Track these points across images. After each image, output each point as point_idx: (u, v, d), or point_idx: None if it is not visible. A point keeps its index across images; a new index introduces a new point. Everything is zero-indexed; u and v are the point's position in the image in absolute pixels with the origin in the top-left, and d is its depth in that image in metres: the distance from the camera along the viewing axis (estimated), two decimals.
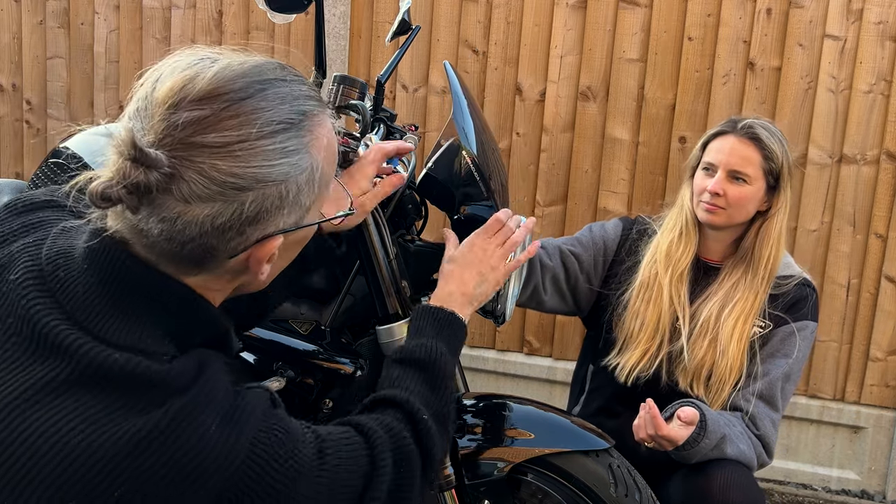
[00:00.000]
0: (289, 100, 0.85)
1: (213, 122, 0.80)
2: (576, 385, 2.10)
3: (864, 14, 2.68)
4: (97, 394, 0.78)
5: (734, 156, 1.82)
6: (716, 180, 1.82)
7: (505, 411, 1.58)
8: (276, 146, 0.83)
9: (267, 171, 0.82)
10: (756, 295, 1.83)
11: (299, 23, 3.13)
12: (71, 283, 0.82)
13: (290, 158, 0.84)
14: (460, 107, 1.49)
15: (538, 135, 2.97)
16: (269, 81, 0.85)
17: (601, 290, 1.96)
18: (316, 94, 0.91)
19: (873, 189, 2.76)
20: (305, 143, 0.85)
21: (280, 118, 0.83)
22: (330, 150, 0.91)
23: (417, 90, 3.05)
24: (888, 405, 2.86)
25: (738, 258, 1.87)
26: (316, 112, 0.88)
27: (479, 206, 1.49)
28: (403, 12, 1.49)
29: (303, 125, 0.86)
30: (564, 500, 1.50)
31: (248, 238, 0.84)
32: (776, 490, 2.90)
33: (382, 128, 1.44)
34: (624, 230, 2.00)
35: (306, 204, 0.88)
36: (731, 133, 1.85)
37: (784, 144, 1.85)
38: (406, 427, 1.06)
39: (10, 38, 3.40)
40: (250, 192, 0.81)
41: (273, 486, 0.84)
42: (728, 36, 2.78)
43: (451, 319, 1.25)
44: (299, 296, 1.52)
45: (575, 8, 2.89)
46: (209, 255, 0.84)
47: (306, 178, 0.86)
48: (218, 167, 0.80)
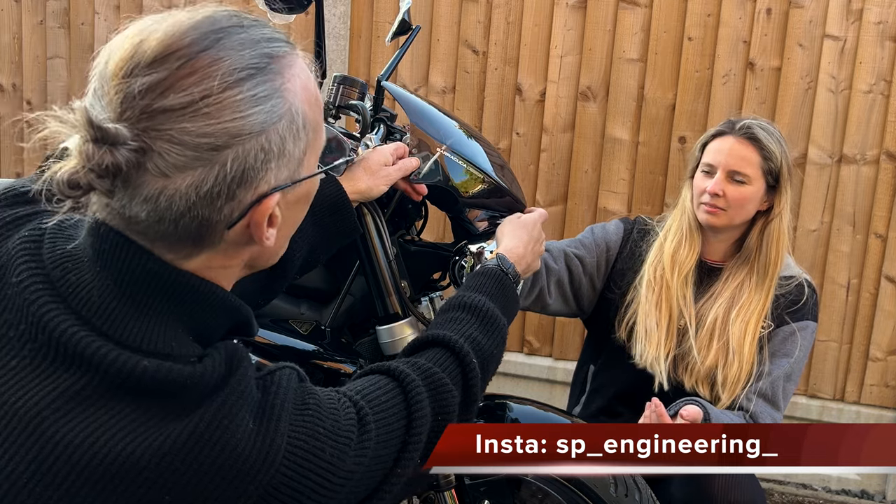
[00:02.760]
0: (249, 44, 0.78)
1: (170, 84, 0.74)
2: (576, 386, 2.10)
3: (864, 14, 2.69)
4: (129, 402, 0.74)
5: (733, 156, 1.82)
6: (715, 181, 1.82)
7: (505, 411, 1.58)
8: (244, 95, 0.76)
9: (241, 124, 0.76)
10: (764, 296, 1.83)
11: (299, 23, 3.13)
12: (84, 287, 0.78)
13: (262, 106, 0.77)
14: (415, 109, 1.47)
15: (538, 135, 2.97)
16: (224, 30, 0.78)
17: (604, 290, 1.96)
18: (281, 35, 0.83)
19: (873, 189, 2.76)
20: (277, 87, 0.78)
21: (242, 65, 0.76)
22: (308, 92, 0.83)
23: (417, 90, 3.05)
24: (888, 405, 2.86)
25: (742, 259, 1.87)
26: (283, 53, 0.81)
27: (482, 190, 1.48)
28: (403, 12, 1.49)
29: (270, 69, 0.78)
30: (564, 500, 1.50)
31: (242, 202, 0.78)
32: (776, 490, 2.91)
33: (382, 128, 1.44)
34: (625, 231, 1.99)
35: (296, 154, 0.81)
36: (729, 134, 1.85)
37: (783, 144, 1.85)
38: (450, 370, 1.03)
39: (10, 38, 3.41)
40: (228, 149, 0.75)
41: (318, 472, 0.81)
42: (728, 36, 2.79)
43: (510, 283, 1.25)
44: (299, 296, 1.52)
45: (575, 8, 2.89)
46: (205, 228, 0.78)
47: (287, 125, 0.79)
48: (187, 130, 0.74)
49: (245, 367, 0.81)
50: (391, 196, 1.45)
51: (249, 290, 1.26)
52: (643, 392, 1.81)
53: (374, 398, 0.93)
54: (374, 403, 0.92)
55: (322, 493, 0.82)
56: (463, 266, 1.45)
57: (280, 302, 1.49)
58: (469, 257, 1.44)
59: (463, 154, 1.44)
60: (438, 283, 1.59)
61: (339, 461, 0.84)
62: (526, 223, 1.40)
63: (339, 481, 0.84)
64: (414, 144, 1.41)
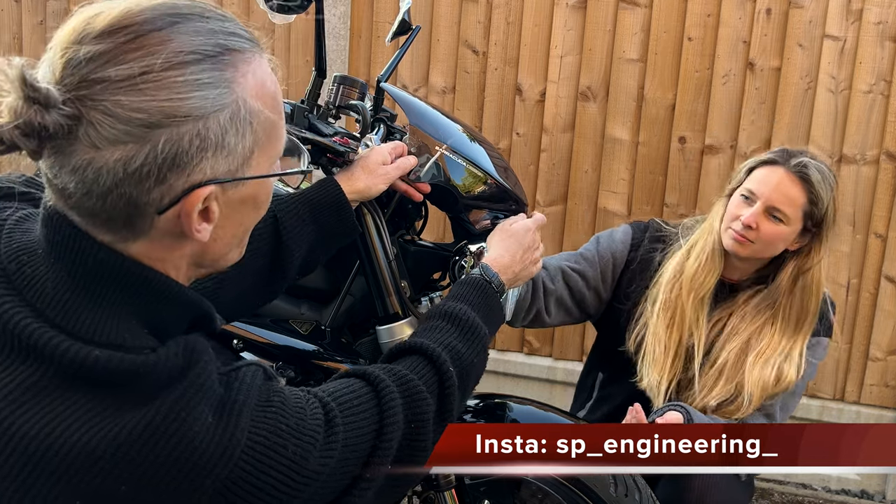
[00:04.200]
0: (205, 33, 0.77)
1: (114, 56, 0.73)
2: (583, 391, 2.05)
3: (864, 14, 2.69)
4: (85, 393, 0.75)
5: (778, 192, 1.70)
6: (752, 213, 1.71)
7: (505, 411, 1.58)
8: (185, 78, 0.75)
9: (177, 105, 0.74)
10: (800, 342, 1.74)
11: (299, 23, 3.13)
12: (39, 279, 0.78)
13: (203, 92, 0.75)
14: (415, 110, 1.47)
15: (538, 135, 2.97)
16: (183, 16, 0.77)
17: (613, 300, 1.90)
18: (248, 34, 0.82)
19: (873, 189, 2.76)
20: (226, 79, 0.77)
21: (191, 49, 0.76)
22: (264, 92, 0.81)
23: (417, 90, 3.05)
24: (888, 405, 2.86)
25: (767, 301, 1.77)
26: (243, 49, 0.80)
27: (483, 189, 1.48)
28: (403, 12, 1.49)
29: (223, 59, 0.77)
30: (564, 500, 1.51)
31: (174, 187, 0.76)
32: (776, 490, 2.91)
33: (382, 128, 1.44)
34: (634, 237, 1.91)
35: (239, 150, 0.79)
36: (781, 165, 1.73)
37: (834, 190, 1.73)
38: (426, 378, 1.02)
39: (10, 38, 3.40)
40: (161, 129, 0.74)
41: (279, 469, 0.81)
42: (728, 36, 2.79)
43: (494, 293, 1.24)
44: (299, 296, 1.52)
45: (575, 8, 2.89)
46: (134, 209, 0.77)
47: (230, 117, 0.77)
48: (121, 103, 0.73)
49: (206, 363, 0.81)
50: (391, 196, 1.45)
51: (248, 291, 1.26)
52: (650, 402, 1.79)
53: (345, 400, 0.93)
54: (345, 406, 0.92)
55: (283, 491, 0.82)
56: (463, 266, 1.45)
57: (280, 302, 1.49)
58: (469, 257, 1.44)
59: (463, 154, 1.44)
60: (438, 283, 1.59)
61: (302, 460, 0.83)
62: (516, 232, 1.37)
63: (303, 480, 0.84)
64: (414, 145, 1.41)
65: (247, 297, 1.27)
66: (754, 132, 2.81)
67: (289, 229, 1.25)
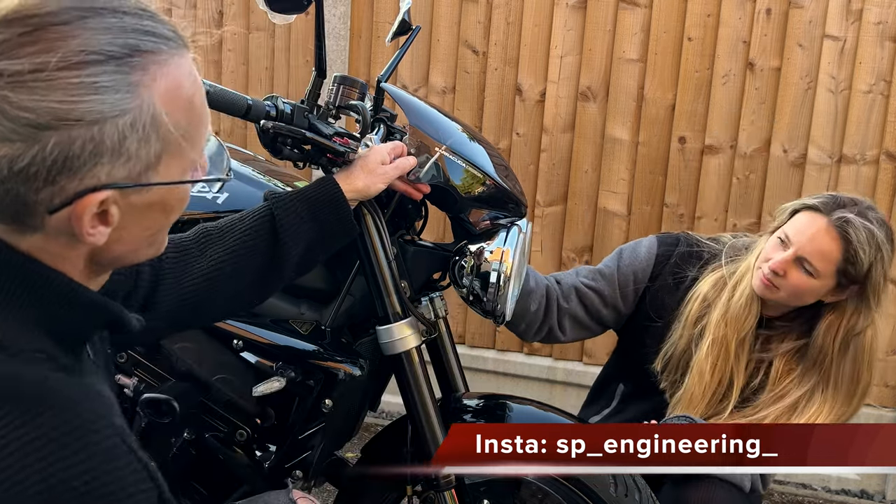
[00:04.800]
0: (116, 31, 0.72)
1: (8, 48, 0.69)
2: (601, 396, 1.98)
3: (864, 14, 2.69)
4: None
5: (812, 244, 1.59)
6: (781, 260, 1.61)
7: (505, 411, 1.58)
8: (81, 80, 0.70)
9: (69, 108, 0.69)
10: (851, 410, 1.68)
11: (299, 23, 3.13)
12: None
13: (102, 96, 0.71)
14: (414, 111, 1.47)
15: (538, 135, 2.97)
16: (95, 10, 0.72)
17: (637, 315, 1.83)
18: (168, 33, 0.77)
19: (873, 189, 2.76)
20: (132, 83, 0.72)
21: (94, 48, 0.70)
22: (181, 99, 0.76)
23: (417, 90, 3.05)
24: (888, 405, 2.86)
25: (811, 362, 1.68)
26: (157, 51, 0.74)
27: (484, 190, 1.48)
28: (403, 13, 1.49)
29: (131, 62, 0.72)
30: (564, 500, 1.50)
31: (65, 189, 0.72)
32: (776, 490, 2.91)
33: (382, 128, 1.44)
34: (660, 254, 1.82)
35: (142, 156, 0.74)
36: (823, 215, 1.60)
37: (882, 251, 1.59)
38: None
39: None
40: (51, 131, 0.69)
41: None
42: (728, 36, 2.79)
43: None
44: (299, 296, 1.52)
45: (575, 8, 2.89)
46: (22, 206, 0.72)
47: (131, 123, 0.72)
48: (9, 99, 0.69)
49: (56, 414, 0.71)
50: (391, 196, 1.45)
51: (245, 288, 1.26)
52: None
53: None
54: None
55: None
56: (463, 266, 1.45)
57: (280, 302, 1.49)
58: (469, 257, 1.44)
59: (463, 154, 1.44)
60: (438, 283, 1.59)
61: None
62: None
63: None
64: (413, 145, 1.41)
65: (243, 294, 1.27)
66: (754, 132, 2.81)
67: (286, 227, 1.25)
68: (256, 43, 3.20)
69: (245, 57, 3.23)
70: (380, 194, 1.36)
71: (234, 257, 1.23)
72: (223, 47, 3.24)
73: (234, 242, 1.23)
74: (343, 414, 1.50)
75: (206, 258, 1.21)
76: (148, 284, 1.15)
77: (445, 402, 1.60)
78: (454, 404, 1.59)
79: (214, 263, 1.21)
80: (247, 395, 1.44)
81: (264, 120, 1.25)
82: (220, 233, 1.24)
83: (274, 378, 1.42)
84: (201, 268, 1.21)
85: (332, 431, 1.50)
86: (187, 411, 1.43)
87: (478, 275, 1.43)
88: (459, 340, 3.10)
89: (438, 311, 1.53)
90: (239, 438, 1.48)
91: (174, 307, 1.18)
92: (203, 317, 1.26)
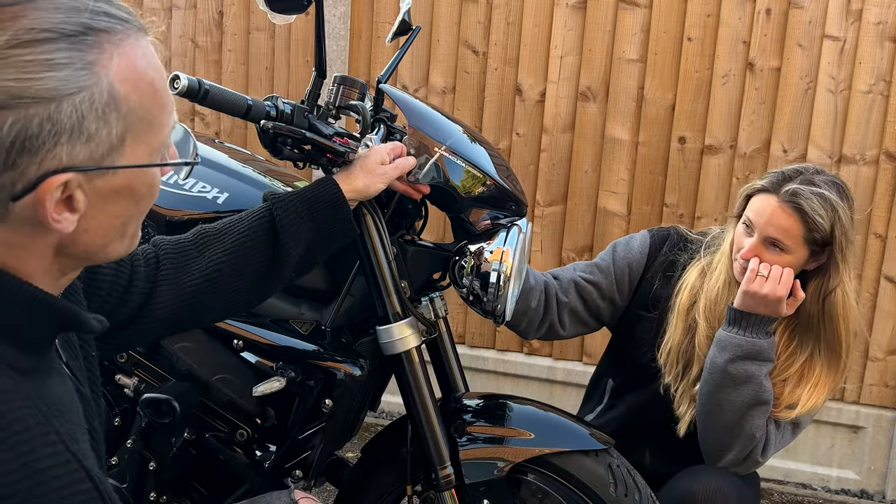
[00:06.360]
0: (70, 11, 0.72)
1: None
2: (593, 395, 2.02)
3: (864, 14, 2.69)
4: None
5: (772, 224, 1.62)
6: (750, 246, 1.65)
7: (505, 411, 1.58)
8: (35, 57, 0.69)
9: (24, 86, 0.69)
10: (840, 374, 1.72)
11: (299, 23, 3.13)
12: None
13: (56, 73, 0.70)
14: (414, 111, 1.47)
15: (538, 135, 2.97)
16: None
17: (632, 307, 1.86)
18: (123, 14, 0.76)
19: (873, 189, 2.76)
20: (87, 61, 0.71)
21: (46, 26, 0.70)
22: (140, 80, 0.75)
23: (417, 90, 3.05)
24: (887, 405, 2.86)
25: (803, 327, 1.72)
26: (112, 30, 0.74)
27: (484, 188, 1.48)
28: (404, 13, 1.50)
29: (84, 40, 0.72)
30: (564, 500, 1.51)
31: (26, 173, 0.71)
32: (776, 490, 2.91)
33: (382, 128, 1.44)
34: (652, 245, 1.87)
35: (104, 136, 0.73)
36: (773, 194, 1.64)
37: (838, 210, 1.61)
38: None
39: None
40: (7, 110, 0.69)
41: None
42: (728, 36, 2.79)
43: None
44: (299, 296, 1.52)
45: (575, 8, 2.89)
46: None
47: (88, 101, 0.71)
48: None
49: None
50: (391, 196, 1.45)
51: (244, 288, 1.26)
52: (661, 409, 1.79)
53: None
54: None
55: None
56: (463, 266, 1.45)
57: (280, 302, 1.49)
58: (469, 257, 1.44)
59: (463, 154, 1.44)
60: (438, 283, 1.59)
61: None
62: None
63: None
64: (413, 146, 1.41)
65: (243, 295, 1.27)
66: (754, 132, 2.81)
67: (286, 227, 1.25)
68: (256, 43, 3.21)
69: (245, 57, 3.23)
70: (380, 194, 1.36)
71: (233, 258, 1.23)
72: (223, 47, 3.24)
73: (233, 243, 1.23)
74: (343, 414, 1.50)
75: (206, 259, 1.22)
76: (146, 285, 1.15)
77: (445, 402, 1.60)
78: (454, 404, 1.59)
79: (214, 264, 1.21)
80: (247, 395, 1.44)
81: (264, 120, 1.25)
82: (219, 233, 1.24)
83: (274, 378, 1.43)
84: (200, 268, 1.21)
85: (332, 431, 1.50)
86: (187, 411, 1.43)
87: (478, 275, 1.43)
88: (459, 340, 3.10)
89: (438, 311, 1.53)
90: (239, 438, 1.48)
91: (173, 308, 1.18)
92: (202, 317, 1.26)
